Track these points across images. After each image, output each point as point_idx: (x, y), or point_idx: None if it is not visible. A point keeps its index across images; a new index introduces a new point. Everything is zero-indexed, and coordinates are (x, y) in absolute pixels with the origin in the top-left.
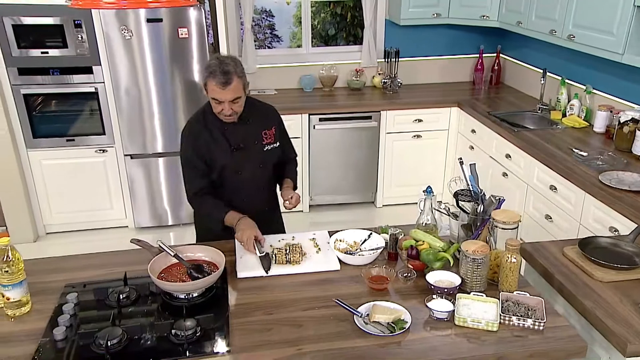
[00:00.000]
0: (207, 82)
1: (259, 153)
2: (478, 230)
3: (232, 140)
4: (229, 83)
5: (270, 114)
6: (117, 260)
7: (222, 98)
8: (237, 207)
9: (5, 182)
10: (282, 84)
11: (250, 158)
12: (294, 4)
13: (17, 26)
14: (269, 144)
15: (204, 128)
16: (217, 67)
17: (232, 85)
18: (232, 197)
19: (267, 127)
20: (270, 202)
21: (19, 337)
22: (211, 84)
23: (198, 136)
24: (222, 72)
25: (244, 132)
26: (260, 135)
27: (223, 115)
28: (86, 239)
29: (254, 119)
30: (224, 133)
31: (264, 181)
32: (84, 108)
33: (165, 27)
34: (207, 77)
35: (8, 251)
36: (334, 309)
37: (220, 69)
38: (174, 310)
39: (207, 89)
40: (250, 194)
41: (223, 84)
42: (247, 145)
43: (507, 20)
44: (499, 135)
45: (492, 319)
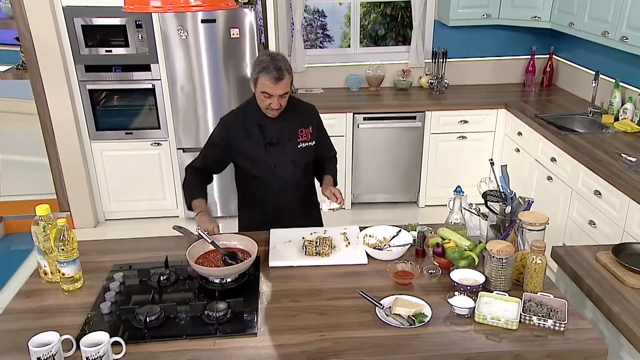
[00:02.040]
0: (258, 77)
1: (292, 149)
2: (507, 231)
3: (267, 135)
4: (281, 79)
5: (308, 113)
6: (160, 245)
7: (274, 92)
8: (271, 200)
9: (71, 172)
10: (329, 83)
11: (283, 154)
12: (346, 4)
13: (86, 26)
14: (303, 141)
15: (242, 122)
16: (270, 63)
17: (284, 81)
18: (265, 190)
19: (304, 126)
20: (304, 198)
21: (71, 309)
22: (264, 79)
23: (229, 130)
24: (275, 67)
25: (281, 128)
26: (296, 132)
27: (270, 109)
28: (140, 227)
29: (292, 117)
30: (261, 128)
31: (296, 177)
32: (141, 103)
33: (218, 27)
34: (259, 72)
35: (64, 231)
36: (357, 300)
37: (273, 64)
38: (208, 293)
39: (258, 83)
40: (283, 188)
41: (276, 79)
42: (281, 141)
43: (559, 22)
44: (544, 138)
45: (512, 317)
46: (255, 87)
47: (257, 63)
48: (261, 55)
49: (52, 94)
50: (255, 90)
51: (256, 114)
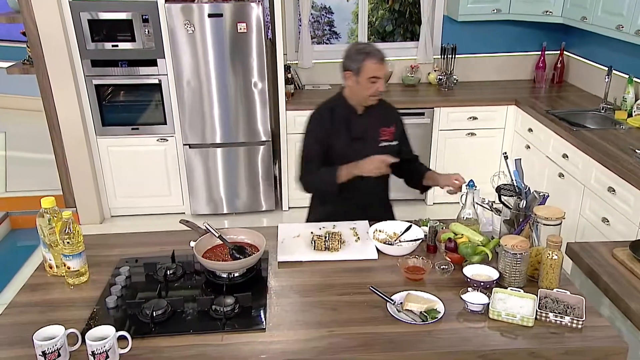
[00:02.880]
0: (363, 64)
1: (374, 147)
2: (521, 226)
3: (354, 130)
4: (384, 58)
5: (390, 112)
6: (167, 239)
7: (381, 73)
8: (350, 196)
9: (77, 167)
10: (337, 79)
11: (366, 150)
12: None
13: (92, 21)
14: (385, 140)
15: (330, 116)
16: (370, 48)
17: (385, 61)
18: (345, 185)
19: (386, 125)
20: (382, 197)
21: (76, 303)
22: (370, 63)
23: (323, 122)
24: (377, 50)
25: (366, 124)
26: (379, 131)
27: (376, 94)
28: (146, 223)
29: (376, 114)
30: (348, 123)
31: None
32: (148, 99)
33: (225, 21)
34: (364, 59)
35: (69, 223)
36: (368, 295)
37: (373, 48)
38: (215, 288)
39: (363, 70)
40: (364, 185)
41: (382, 60)
42: (365, 137)
43: (571, 16)
44: (556, 134)
45: (528, 314)
46: (357, 77)
47: (355, 53)
48: (353, 46)
49: (58, 88)
50: (354, 81)
51: (344, 108)
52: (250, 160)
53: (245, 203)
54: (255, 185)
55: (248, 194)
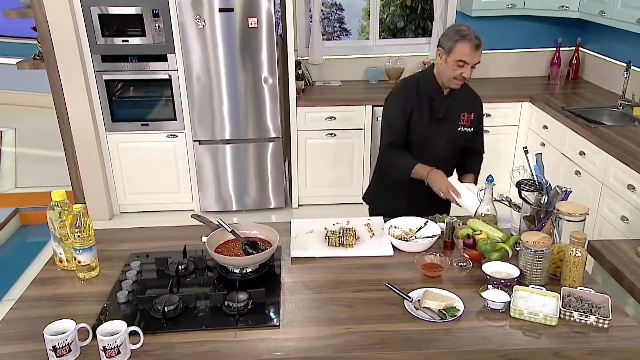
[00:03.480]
0: (456, 44)
1: (452, 130)
2: (541, 222)
3: (436, 110)
4: (480, 47)
5: (474, 100)
6: (178, 234)
7: (471, 60)
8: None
9: (87, 163)
10: (348, 76)
11: (443, 132)
12: None
13: (102, 15)
14: (463, 125)
15: (416, 93)
16: (469, 32)
17: (480, 50)
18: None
19: (467, 111)
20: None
21: (87, 297)
22: (463, 46)
23: (408, 98)
24: (475, 37)
25: (448, 106)
26: (459, 115)
27: (460, 77)
28: (155, 220)
29: (460, 99)
30: (431, 101)
31: (447, 158)
32: (158, 94)
33: (236, 16)
34: (458, 40)
35: (80, 217)
36: (384, 292)
37: (473, 33)
38: (228, 284)
39: (454, 51)
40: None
41: (476, 47)
42: (445, 119)
43: (588, 10)
44: (573, 131)
45: (551, 312)
46: (447, 56)
47: (453, 32)
48: (455, 26)
49: (68, 84)
50: (445, 60)
51: (429, 86)
52: (260, 157)
53: (255, 200)
54: (265, 183)
55: (258, 191)
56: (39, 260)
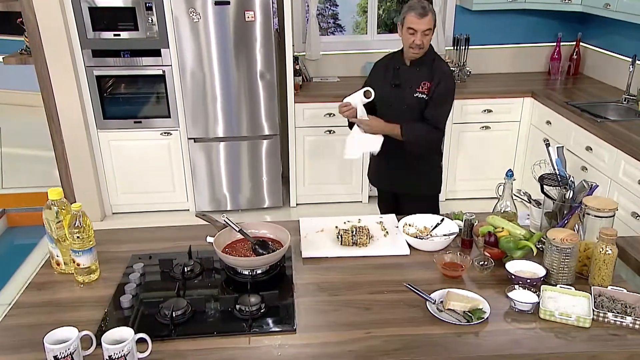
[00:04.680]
0: (405, 15)
1: (408, 96)
2: (565, 218)
3: (397, 78)
4: (425, 14)
5: (440, 74)
6: (182, 234)
7: (417, 27)
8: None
9: (78, 162)
10: (346, 71)
11: (400, 97)
12: None
13: (93, 9)
14: (420, 92)
15: (385, 64)
16: (417, 4)
17: (427, 18)
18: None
19: (428, 80)
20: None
21: (87, 303)
22: (410, 16)
23: (376, 70)
24: (421, 7)
25: (409, 75)
26: (419, 83)
27: (413, 46)
28: (149, 221)
29: (423, 70)
30: (395, 71)
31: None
32: (151, 90)
33: (232, 9)
34: (406, 12)
35: (79, 217)
36: (403, 294)
37: (420, 4)
38: (237, 286)
39: (405, 22)
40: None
41: (420, 15)
42: (403, 86)
43: (592, 4)
44: (578, 126)
45: (584, 314)
46: (402, 28)
47: (405, 6)
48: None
49: (57, 80)
50: (401, 32)
51: (398, 59)
52: (257, 154)
53: (252, 199)
54: (262, 181)
55: (255, 190)
56: (29, 263)
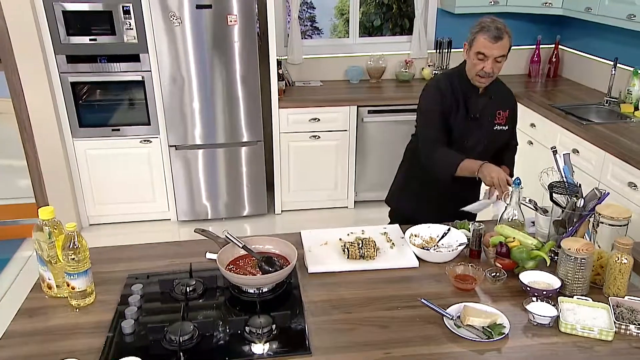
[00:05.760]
0: (476, 36)
1: (489, 130)
2: (575, 226)
3: (471, 109)
4: (500, 38)
5: (508, 97)
6: (178, 250)
7: (490, 53)
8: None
9: (52, 173)
10: (328, 75)
11: (480, 131)
12: None
13: (67, 12)
14: (499, 124)
15: (450, 90)
16: (490, 24)
17: (502, 42)
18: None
19: (502, 108)
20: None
21: (85, 329)
22: (481, 38)
23: (444, 94)
24: (496, 27)
25: (483, 105)
26: (495, 113)
27: (482, 73)
28: (128, 231)
29: (495, 96)
30: (466, 100)
31: (484, 158)
32: (130, 97)
33: (213, 13)
34: (477, 32)
35: (74, 237)
36: (418, 309)
37: (494, 25)
38: (244, 306)
39: (474, 44)
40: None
41: (495, 38)
42: (482, 117)
43: (573, 7)
44: (564, 129)
45: (606, 326)
46: (469, 50)
47: (476, 24)
48: (481, 19)
49: (29, 87)
50: (468, 54)
51: (463, 84)
52: (241, 161)
53: (236, 207)
54: (247, 188)
55: (239, 198)
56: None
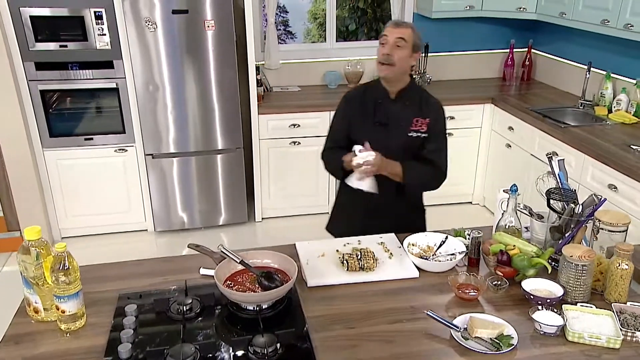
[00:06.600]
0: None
1: (401, 135)
2: (572, 232)
3: (379, 115)
4: (401, 25)
5: (432, 107)
6: (171, 267)
7: (390, 34)
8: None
9: (21, 185)
10: (306, 80)
11: (390, 137)
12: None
13: (36, 17)
14: (416, 131)
15: (361, 97)
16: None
17: (403, 29)
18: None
19: (421, 116)
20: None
21: (77, 355)
22: (387, 26)
23: (350, 103)
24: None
25: (396, 111)
26: (411, 120)
27: (382, 59)
28: (103, 243)
29: (413, 104)
30: (376, 106)
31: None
32: (103, 105)
33: (190, 18)
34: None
35: (64, 258)
36: (423, 321)
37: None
38: (245, 324)
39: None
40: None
41: (397, 24)
42: (391, 124)
43: (547, 12)
44: (542, 132)
45: (613, 334)
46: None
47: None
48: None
49: None
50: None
51: (378, 91)
52: (220, 169)
53: (216, 215)
54: (227, 196)
55: (219, 206)
56: None
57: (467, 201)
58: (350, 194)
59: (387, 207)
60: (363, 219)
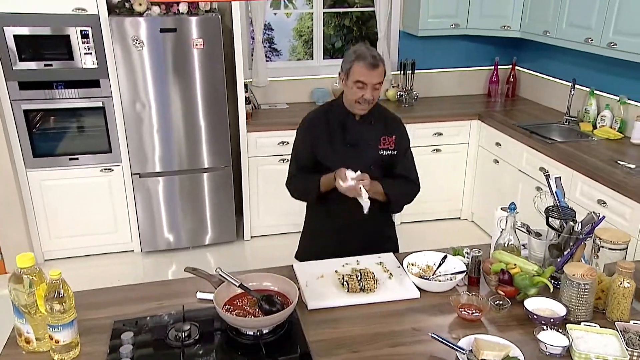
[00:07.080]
0: (352, 65)
1: (373, 154)
2: (571, 250)
3: (349, 136)
4: (377, 66)
5: (394, 123)
6: (165, 291)
7: (369, 80)
8: (342, 211)
9: (2, 206)
10: (294, 98)
11: (362, 157)
12: (294, 17)
13: (20, 37)
14: (385, 149)
15: (325, 120)
16: (366, 52)
17: (379, 69)
18: (337, 198)
19: (388, 133)
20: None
21: None
22: (358, 66)
23: (313, 127)
24: (372, 56)
25: (364, 131)
26: (379, 139)
27: (362, 101)
28: (88, 265)
29: (377, 123)
30: (343, 127)
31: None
32: (89, 124)
33: (179, 37)
34: (354, 61)
35: (59, 286)
36: (427, 344)
37: (369, 53)
38: (246, 350)
39: (351, 73)
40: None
41: (372, 66)
42: (361, 144)
43: (531, 30)
44: (530, 147)
45: (619, 354)
46: (347, 79)
47: (350, 53)
48: (353, 47)
49: None
50: (346, 83)
51: (340, 113)
52: (208, 187)
53: (205, 235)
54: (215, 215)
55: (207, 225)
56: None
57: (456, 217)
58: (321, 219)
59: (358, 226)
60: (336, 242)
